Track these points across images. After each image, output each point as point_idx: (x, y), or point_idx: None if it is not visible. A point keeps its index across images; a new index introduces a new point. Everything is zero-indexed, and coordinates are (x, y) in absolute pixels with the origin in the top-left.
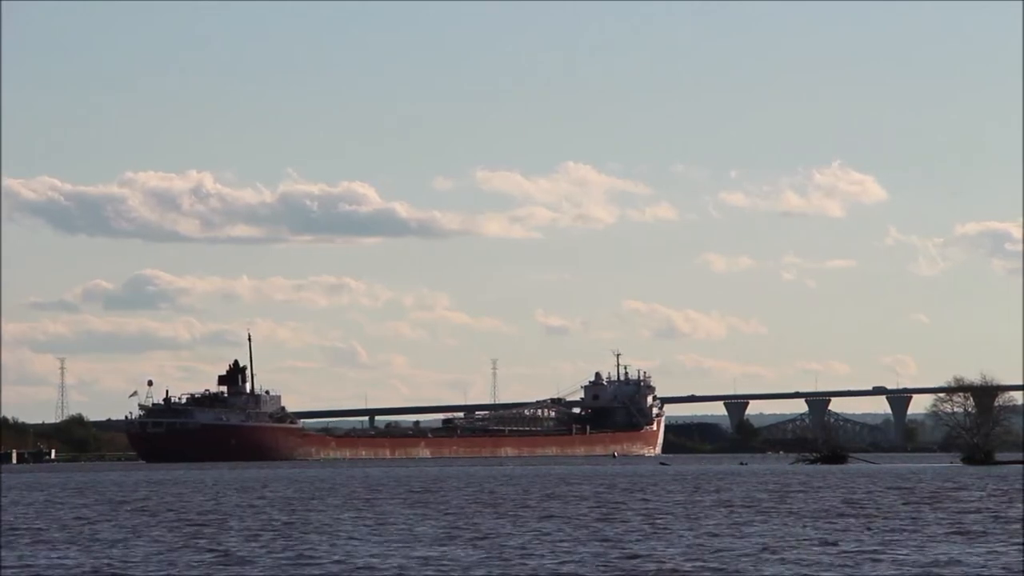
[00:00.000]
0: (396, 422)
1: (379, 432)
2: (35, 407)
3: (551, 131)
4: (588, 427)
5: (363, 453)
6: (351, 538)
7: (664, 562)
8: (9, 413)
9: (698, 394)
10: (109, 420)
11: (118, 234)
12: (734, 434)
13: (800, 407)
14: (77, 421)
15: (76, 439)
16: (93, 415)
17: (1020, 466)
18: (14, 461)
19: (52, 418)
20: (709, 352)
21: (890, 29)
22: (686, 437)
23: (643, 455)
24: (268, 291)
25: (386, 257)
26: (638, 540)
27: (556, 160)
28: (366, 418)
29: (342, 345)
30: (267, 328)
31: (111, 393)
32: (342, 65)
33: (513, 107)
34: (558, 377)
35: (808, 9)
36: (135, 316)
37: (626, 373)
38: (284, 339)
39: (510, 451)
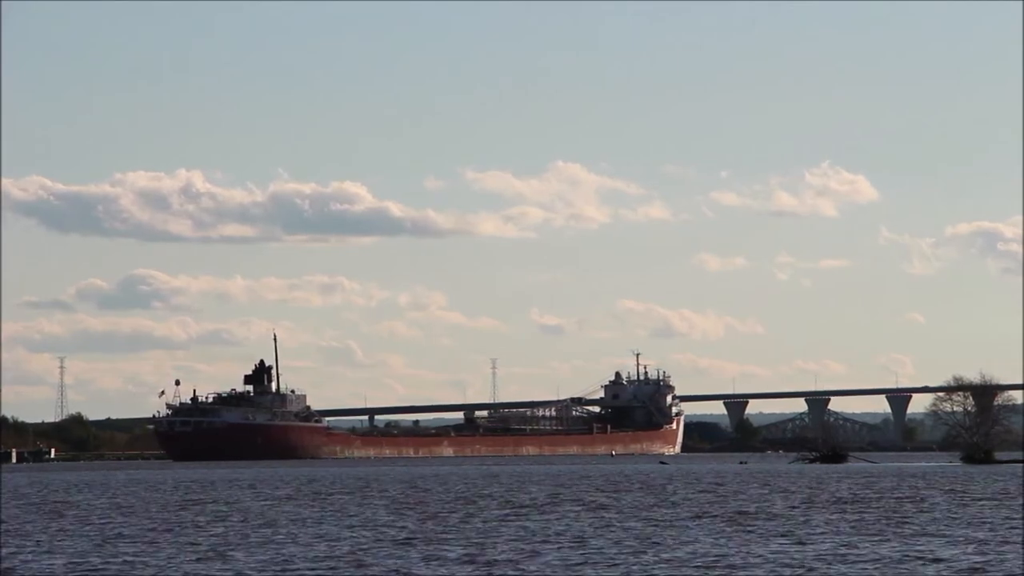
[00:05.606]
0: (396, 421)
1: (402, 431)
2: (31, 406)
3: (541, 131)
4: (609, 426)
5: (387, 452)
6: None
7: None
8: (6, 412)
9: (696, 394)
10: (108, 419)
11: (111, 234)
12: (733, 433)
13: (800, 406)
14: (77, 420)
15: (75, 438)
16: (91, 414)
17: (1020, 465)
18: (14, 460)
19: (50, 417)
20: (706, 352)
21: (881, 29)
22: (685, 436)
23: (664, 453)
24: (262, 291)
25: (380, 256)
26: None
27: (546, 160)
28: (365, 417)
29: (338, 344)
30: (262, 327)
31: (108, 392)
32: (332, 65)
33: (503, 107)
34: (555, 377)
35: (798, 10)
36: (130, 316)
37: (645, 373)
38: (279, 338)
39: (531, 450)
